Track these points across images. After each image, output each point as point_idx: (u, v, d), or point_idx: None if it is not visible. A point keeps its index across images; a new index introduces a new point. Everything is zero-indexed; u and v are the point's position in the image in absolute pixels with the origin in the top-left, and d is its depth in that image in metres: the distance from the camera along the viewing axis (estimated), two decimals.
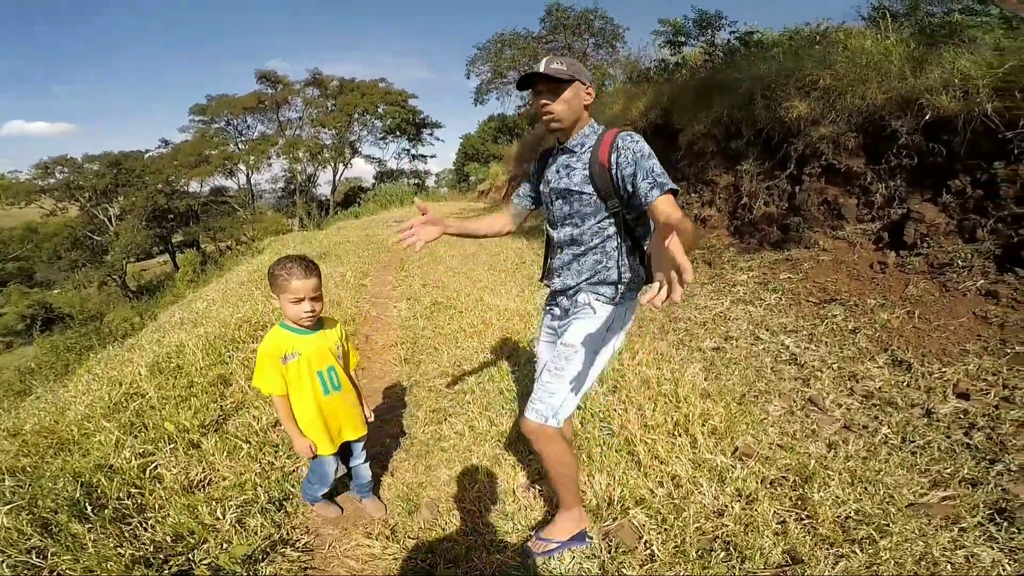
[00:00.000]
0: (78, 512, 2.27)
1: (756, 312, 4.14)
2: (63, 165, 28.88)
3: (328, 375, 2.12)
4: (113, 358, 4.92)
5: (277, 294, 1.97)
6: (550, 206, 1.91)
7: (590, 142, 1.78)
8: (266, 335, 2.04)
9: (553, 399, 1.80)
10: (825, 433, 2.71)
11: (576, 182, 1.76)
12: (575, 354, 1.80)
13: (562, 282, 1.90)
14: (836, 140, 4.87)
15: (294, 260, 1.95)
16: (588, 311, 1.84)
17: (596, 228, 1.78)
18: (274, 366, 1.99)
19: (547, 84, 1.71)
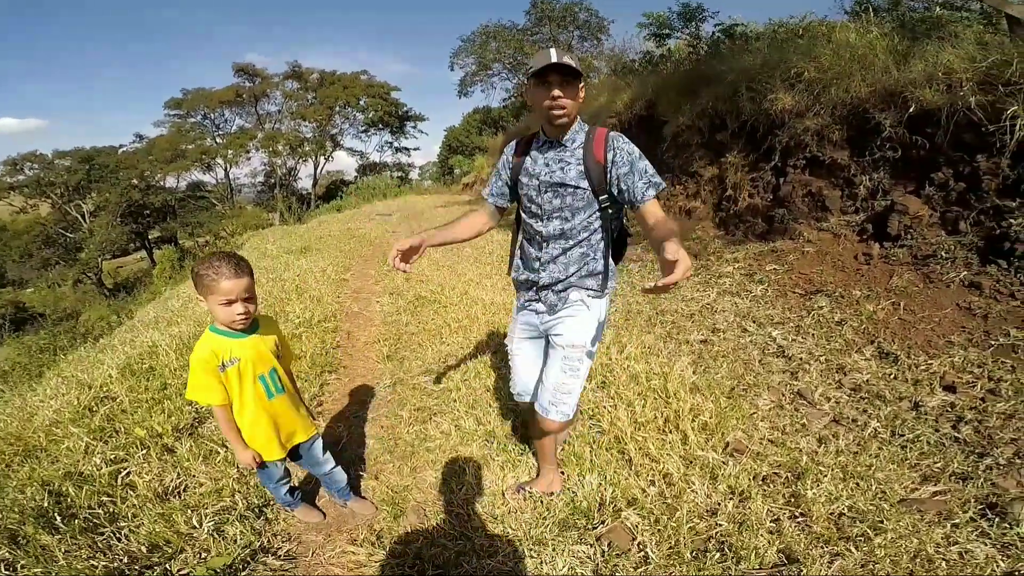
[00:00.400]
0: (46, 522, 2.17)
1: (743, 304, 4.12)
2: (32, 161, 27.94)
3: (271, 378, 1.98)
4: (84, 359, 4.75)
5: (204, 296, 1.78)
6: (535, 199, 1.88)
7: (580, 138, 1.81)
8: (199, 342, 1.86)
9: (571, 397, 1.96)
10: (815, 427, 2.69)
11: (572, 177, 1.78)
12: (585, 354, 1.92)
13: (550, 275, 1.90)
14: (820, 132, 4.86)
15: (222, 259, 1.76)
16: (582, 308, 1.89)
17: (585, 222, 1.83)
18: (211, 374, 1.83)
19: (562, 76, 1.69)
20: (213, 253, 1.83)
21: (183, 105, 30.26)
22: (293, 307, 5.07)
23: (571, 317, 1.90)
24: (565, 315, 1.92)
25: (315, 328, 4.60)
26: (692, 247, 5.34)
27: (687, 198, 6.35)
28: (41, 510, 2.23)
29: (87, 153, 28.89)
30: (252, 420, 1.96)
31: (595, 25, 19.43)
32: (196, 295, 1.81)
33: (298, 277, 6.48)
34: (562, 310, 1.93)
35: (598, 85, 10.87)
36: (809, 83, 4.96)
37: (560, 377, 1.93)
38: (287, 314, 4.85)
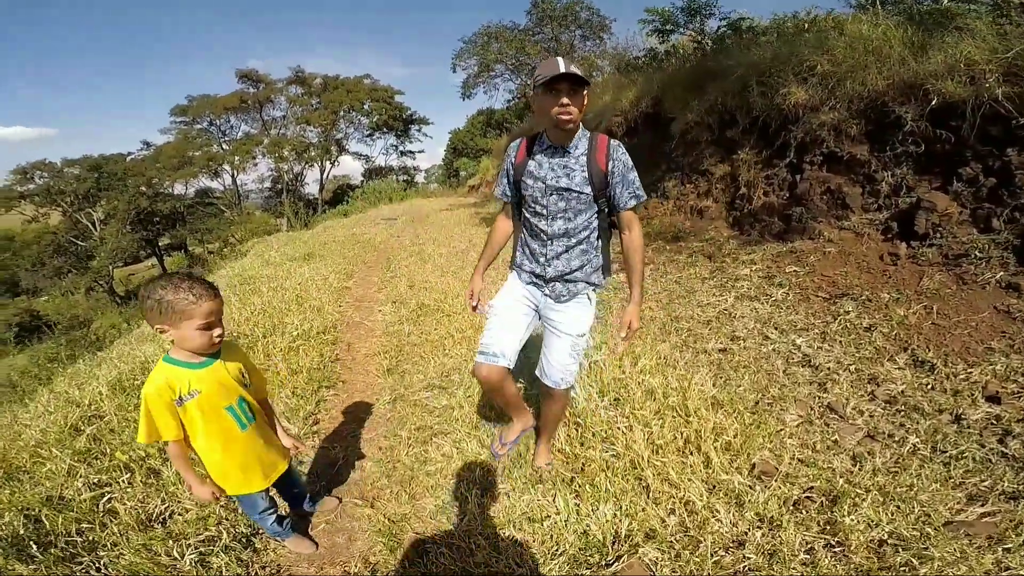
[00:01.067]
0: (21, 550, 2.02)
1: (763, 309, 3.89)
2: (42, 170, 28.19)
3: (240, 407, 1.80)
4: (79, 374, 4.61)
5: (174, 323, 1.58)
6: (540, 200, 2.02)
7: (583, 145, 1.95)
8: (151, 375, 1.65)
9: (575, 370, 2.24)
10: (848, 444, 2.51)
11: (577, 183, 1.94)
12: (587, 340, 2.23)
13: (555, 270, 2.08)
14: (837, 127, 4.66)
15: (191, 279, 1.60)
16: (585, 300, 2.14)
17: (586, 222, 2.01)
18: (167, 408, 1.63)
19: (570, 85, 1.78)
20: (171, 274, 1.63)
21: (189, 112, 30.40)
22: (292, 318, 4.90)
23: (576, 309, 2.13)
24: (571, 307, 2.13)
25: (313, 340, 4.43)
26: (705, 248, 5.13)
27: (698, 197, 6.12)
28: (17, 537, 2.09)
29: (95, 161, 29.11)
30: (223, 455, 1.79)
31: (597, 24, 19.26)
32: (155, 326, 1.58)
33: (299, 286, 6.30)
34: (569, 301, 2.13)
35: (602, 84, 10.66)
36: (823, 76, 4.77)
37: (567, 361, 2.18)
38: (285, 326, 4.68)
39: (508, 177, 2.15)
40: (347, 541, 2.28)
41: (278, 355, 4.04)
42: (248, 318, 4.92)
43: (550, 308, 2.17)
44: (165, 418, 1.63)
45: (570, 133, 1.91)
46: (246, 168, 31.27)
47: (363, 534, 2.30)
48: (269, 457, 1.93)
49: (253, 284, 6.65)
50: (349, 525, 2.36)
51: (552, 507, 2.22)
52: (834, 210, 4.59)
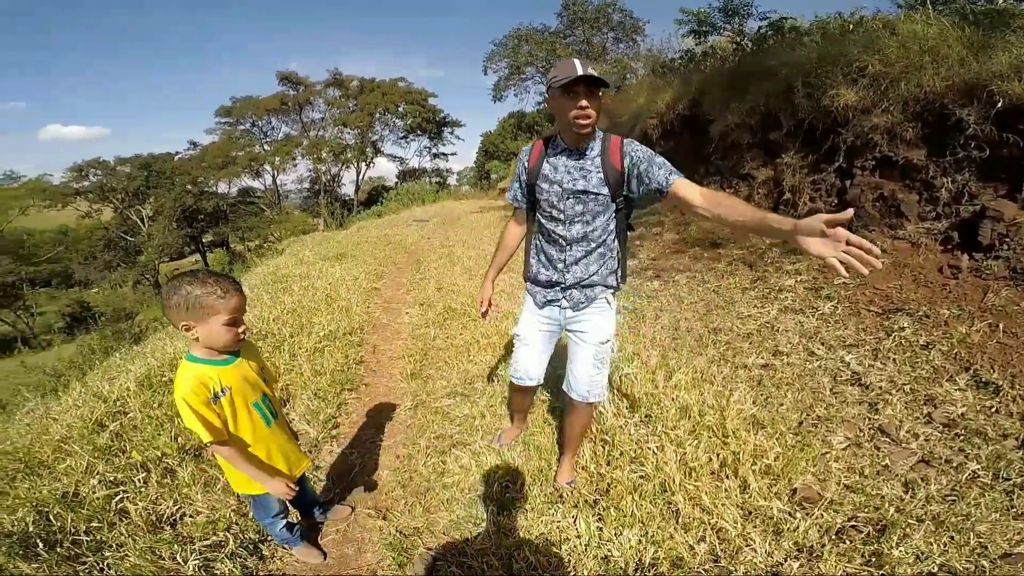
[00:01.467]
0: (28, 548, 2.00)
1: (808, 323, 3.64)
2: (96, 168, 29.53)
3: (265, 404, 1.80)
4: (112, 367, 4.69)
5: (199, 320, 1.55)
6: (556, 204, 1.96)
7: (598, 147, 1.89)
8: (179, 377, 1.60)
9: (603, 381, 2.16)
10: (900, 469, 2.30)
11: (594, 184, 1.88)
12: (611, 347, 2.12)
13: (574, 276, 2.01)
14: (891, 130, 4.35)
15: (216, 276, 1.58)
16: (604, 305, 2.06)
17: (604, 224, 1.95)
18: (208, 407, 1.59)
19: (588, 87, 1.72)
20: (194, 272, 1.59)
21: (232, 113, 31.35)
22: (320, 318, 4.88)
23: (596, 316, 2.05)
24: (591, 314, 2.06)
25: (339, 341, 4.38)
26: (746, 256, 4.87)
27: None
28: (26, 535, 2.07)
29: (145, 160, 30.34)
30: (252, 451, 1.77)
31: (630, 26, 19.04)
32: (181, 323, 1.54)
33: (330, 286, 6.31)
34: (587, 308, 2.05)
35: (636, 86, 10.46)
36: (874, 77, 4.48)
37: (592, 371, 2.09)
38: (312, 326, 4.66)
39: (520, 182, 2.10)
40: (356, 552, 2.19)
41: (303, 356, 4.01)
42: (277, 317, 4.92)
43: (570, 320, 2.12)
44: (213, 417, 1.60)
45: (587, 136, 1.85)
46: (286, 168, 32.10)
47: (373, 546, 2.21)
48: (294, 453, 1.91)
49: (285, 283, 6.70)
50: (360, 536, 2.27)
51: (572, 530, 2.09)
52: (888, 218, 4.29)
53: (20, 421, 3.56)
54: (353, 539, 2.26)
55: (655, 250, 5.97)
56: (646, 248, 6.10)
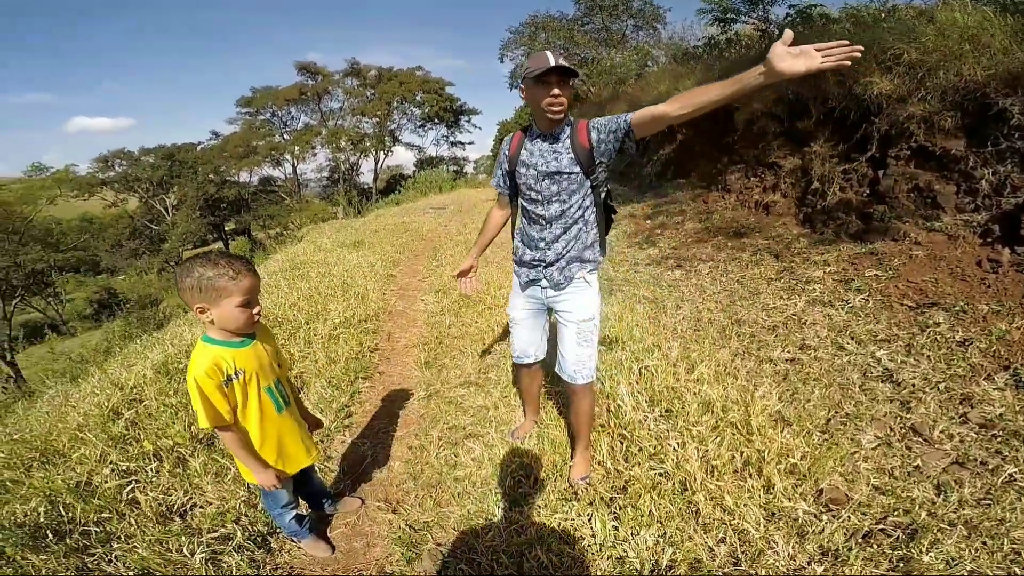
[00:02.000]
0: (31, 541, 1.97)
1: (838, 316, 3.48)
2: (121, 158, 30.03)
3: (278, 389, 1.77)
4: (132, 354, 4.73)
5: (215, 301, 1.53)
6: (534, 186, 2.05)
7: (568, 130, 1.99)
8: (195, 357, 1.58)
9: (590, 361, 2.17)
10: (933, 470, 2.18)
11: (565, 164, 1.98)
12: (594, 325, 2.15)
13: (555, 253, 2.09)
14: (928, 119, 4.14)
15: (228, 257, 1.56)
16: (583, 284, 2.11)
17: (580, 201, 2.03)
18: (219, 390, 1.57)
19: (561, 76, 1.85)
20: (206, 254, 1.56)
21: (253, 103, 31.57)
22: (336, 305, 4.86)
23: (576, 294, 2.11)
24: (571, 293, 2.12)
25: (354, 329, 4.35)
26: (772, 246, 4.71)
27: (764, 191, 5.67)
28: (36, 526, 2.06)
29: (169, 150, 30.77)
30: (261, 437, 1.74)
31: (650, 13, 18.64)
32: (195, 306, 1.53)
33: (346, 272, 6.30)
34: (567, 287, 2.11)
35: (657, 73, 10.23)
36: (910, 66, 4.29)
37: (577, 350, 2.14)
38: (328, 312, 4.63)
39: (503, 168, 2.22)
40: (365, 547, 2.14)
41: (318, 343, 3.99)
42: (294, 303, 4.91)
43: (553, 300, 2.19)
44: (221, 401, 1.58)
45: (559, 121, 1.96)
46: (306, 158, 32.28)
47: (382, 540, 2.16)
48: (295, 444, 1.86)
49: (302, 269, 6.71)
50: (369, 529, 2.22)
51: (587, 528, 2.02)
52: (923, 209, 4.09)
53: (40, 408, 3.59)
54: (362, 533, 2.21)
55: (676, 239, 5.83)
56: (667, 237, 5.96)
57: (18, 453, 2.65)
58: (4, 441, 2.82)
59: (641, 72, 12.93)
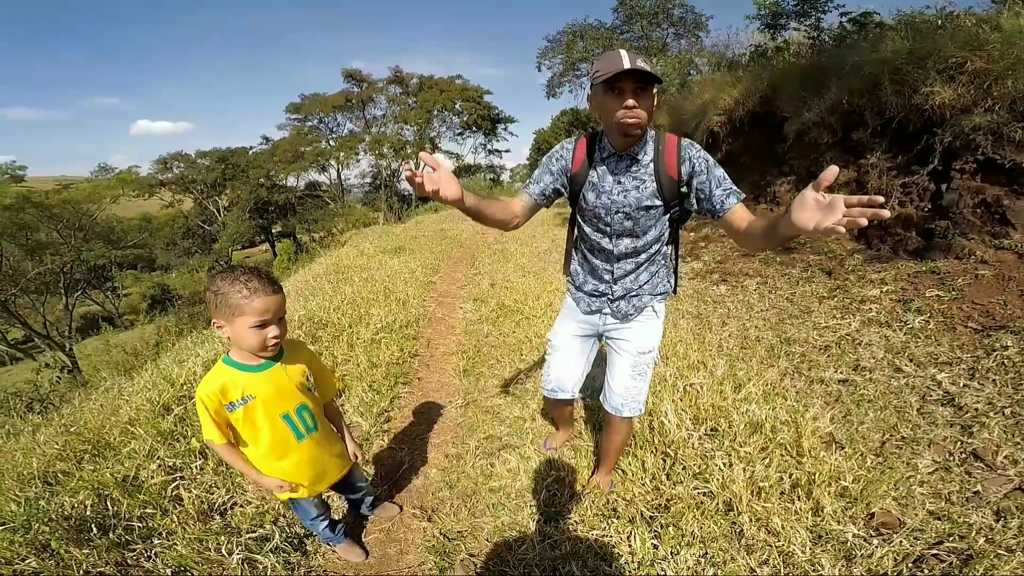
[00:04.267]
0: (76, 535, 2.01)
1: (895, 337, 3.31)
2: (179, 160, 31.53)
3: (298, 416, 1.65)
4: (183, 350, 4.90)
5: (227, 319, 1.44)
6: (604, 217, 1.75)
7: (651, 148, 1.65)
8: (207, 375, 1.54)
9: (641, 395, 1.98)
10: (993, 496, 2.08)
11: (647, 196, 1.67)
12: (652, 358, 1.94)
13: (623, 288, 1.87)
14: (996, 131, 3.93)
15: (251, 273, 1.45)
16: (651, 313, 1.90)
17: (657, 236, 1.77)
18: (216, 414, 1.52)
19: (636, 83, 1.48)
20: (233, 267, 1.49)
21: (302, 110, 32.58)
22: (378, 310, 4.93)
23: (641, 324, 1.90)
24: (636, 322, 1.90)
25: (395, 334, 4.40)
26: (824, 262, 4.53)
27: None
28: (82, 518, 2.10)
29: (223, 154, 32.13)
30: (276, 464, 1.68)
31: (692, 21, 18.30)
32: (213, 321, 1.48)
33: (388, 278, 6.39)
34: (634, 318, 1.90)
35: (700, 82, 10.01)
36: (974, 75, 4.09)
37: (630, 382, 1.94)
38: (370, 317, 4.70)
39: (555, 179, 1.78)
40: (399, 553, 2.13)
41: (361, 347, 4.04)
42: (338, 307, 5.00)
43: (610, 328, 1.96)
44: (210, 421, 1.52)
45: (636, 138, 1.60)
46: (349, 164, 33.08)
47: (416, 548, 2.14)
48: (317, 469, 1.77)
49: (346, 273, 6.84)
50: (404, 536, 2.21)
51: (625, 545, 1.96)
52: (990, 226, 3.87)
53: (95, 401, 3.67)
54: (396, 539, 2.20)
55: (721, 252, 5.68)
56: (711, 250, 5.81)
57: (72, 445, 2.72)
58: (60, 432, 2.92)
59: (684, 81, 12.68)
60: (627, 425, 2.08)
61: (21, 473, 2.43)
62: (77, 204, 21.58)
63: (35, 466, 2.47)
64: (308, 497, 1.81)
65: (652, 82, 1.48)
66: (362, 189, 36.45)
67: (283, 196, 33.29)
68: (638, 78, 1.46)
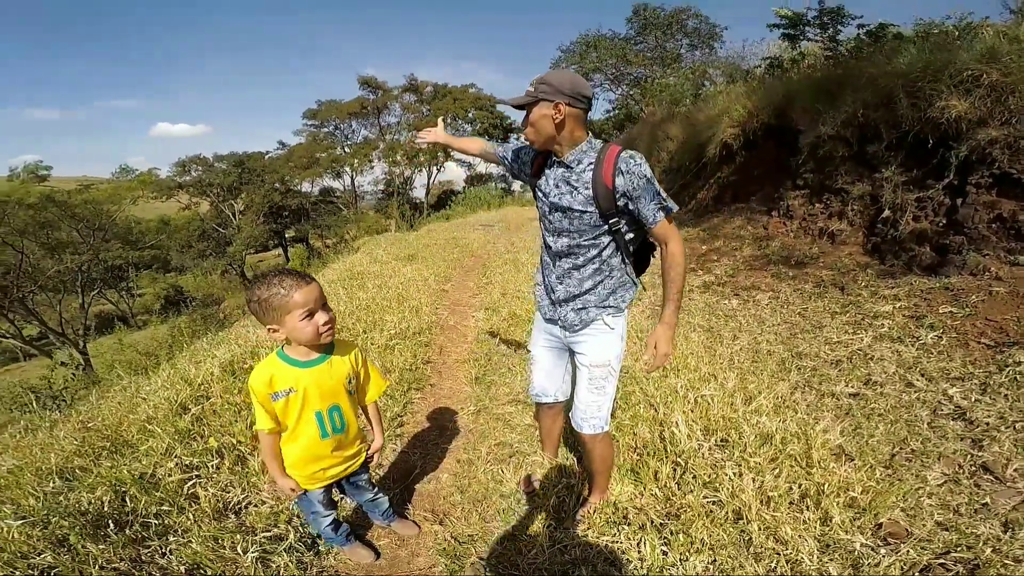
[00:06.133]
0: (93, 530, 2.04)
1: (907, 352, 3.31)
2: (197, 164, 32.00)
3: (330, 416, 1.75)
4: (199, 351, 4.97)
5: (278, 321, 1.56)
6: (547, 215, 1.90)
7: (588, 159, 1.76)
8: (259, 366, 1.68)
9: (602, 411, 1.99)
10: (1002, 508, 2.09)
11: (579, 202, 1.77)
12: (610, 371, 1.95)
13: (565, 290, 1.91)
14: (1012, 144, 3.92)
15: (280, 274, 1.57)
16: (603, 328, 1.90)
17: (594, 241, 1.82)
18: (264, 400, 1.64)
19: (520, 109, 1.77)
20: (262, 274, 1.62)
21: (318, 116, 32.99)
22: (392, 316, 4.99)
23: (593, 337, 1.91)
24: (587, 335, 1.92)
25: (409, 341, 4.45)
26: (836, 278, 4.52)
27: (829, 218, 5.46)
28: (99, 514, 2.14)
29: (239, 158, 32.58)
30: (296, 453, 1.78)
31: (706, 32, 18.34)
32: (267, 328, 1.59)
33: (401, 285, 6.46)
34: (582, 329, 1.92)
35: (714, 93, 10.02)
36: (991, 87, 4.08)
37: (587, 396, 1.98)
38: (384, 323, 4.77)
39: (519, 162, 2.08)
40: (409, 556, 2.17)
41: (375, 352, 4.10)
42: (352, 312, 5.07)
43: (570, 339, 1.99)
44: (262, 410, 1.66)
45: (561, 148, 1.77)
46: (363, 170, 33.41)
47: (427, 551, 2.18)
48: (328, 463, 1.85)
49: (360, 280, 6.91)
50: (415, 539, 2.25)
51: (634, 552, 1.98)
52: (1005, 242, 3.85)
53: (112, 399, 3.73)
54: (408, 542, 2.24)
55: (733, 266, 5.68)
56: (723, 264, 5.82)
57: (90, 441, 2.77)
58: (77, 429, 2.97)
59: (698, 92, 12.70)
60: (594, 443, 2.05)
61: (39, 468, 2.47)
62: (98, 204, 22.00)
63: (53, 461, 2.51)
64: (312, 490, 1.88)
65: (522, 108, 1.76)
66: (375, 196, 36.76)
67: (297, 201, 33.65)
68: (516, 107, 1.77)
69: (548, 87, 1.67)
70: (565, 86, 1.67)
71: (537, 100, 1.69)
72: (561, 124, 1.70)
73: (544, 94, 1.68)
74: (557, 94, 1.66)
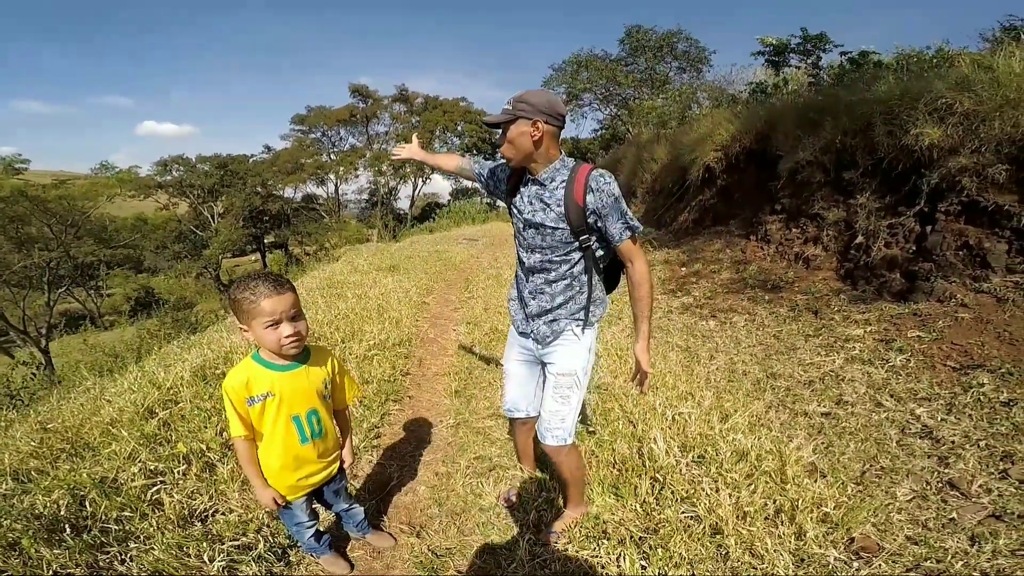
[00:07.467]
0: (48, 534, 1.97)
1: (877, 374, 3.40)
2: (179, 164, 31.35)
3: (308, 420, 1.74)
4: (170, 354, 4.86)
5: (248, 323, 1.57)
6: (522, 231, 1.95)
7: (561, 176, 1.81)
8: (233, 369, 1.66)
9: (566, 423, 2.00)
10: (968, 523, 2.17)
11: (551, 219, 1.82)
12: (575, 382, 1.97)
13: (538, 305, 1.96)
14: (980, 172, 4.06)
15: (259, 277, 1.57)
16: (572, 338, 1.94)
17: (566, 258, 1.87)
18: (239, 406, 1.62)
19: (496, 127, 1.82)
20: (247, 275, 1.62)
21: (306, 121, 32.81)
22: (371, 327, 4.94)
23: (563, 347, 1.95)
24: (558, 345, 1.96)
25: (388, 352, 4.42)
26: (811, 302, 4.63)
27: (804, 243, 5.60)
28: (56, 519, 2.06)
29: (223, 160, 32.00)
30: (269, 462, 1.74)
31: (695, 56, 18.75)
32: (239, 327, 1.61)
33: (382, 296, 6.40)
34: (554, 341, 1.96)
35: (700, 117, 10.25)
36: (964, 116, 4.22)
37: (553, 405, 1.99)
38: (364, 333, 4.72)
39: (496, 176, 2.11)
40: (385, 568, 2.14)
41: (353, 362, 4.06)
42: (331, 321, 5.01)
43: (541, 353, 2.04)
44: (235, 416, 1.63)
45: (535, 166, 1.83)
46: (348, 179, 33.23)
47: (403, 563, 2.15)
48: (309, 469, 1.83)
49: (340, 289, 6.85)
50: (391, 551, 2.22)
51: (614, 567, 1.99)
52: (971, 269, 3.99)
53: (75, 400, 3.62)
54: (383, 554, 2.21)
55: (711, 288, 5.78)
56: (701, 286, 5.91)
57: (48, 443, 2.70)
58: (35, 430, 2.87)
59: (684, 115, 12.96)
60: (558, 455, 2.05)
61: None
62: (73, 200, 21.35)
63: (7, 462, 2.43)
64: (296, 501, 1.84)
65: (497, 126, 1.81)
66: (358, 205, 36.57)
67: (278, 206, 33.23)
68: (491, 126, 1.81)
69: (527, 105, 1.73)
70: (543, 104, 1.74)
71: (516, 118, 1.75)
72: (539, 141, 1.76)
73: (523, 112, 1.73)
74: (536, 112, 1.72)
